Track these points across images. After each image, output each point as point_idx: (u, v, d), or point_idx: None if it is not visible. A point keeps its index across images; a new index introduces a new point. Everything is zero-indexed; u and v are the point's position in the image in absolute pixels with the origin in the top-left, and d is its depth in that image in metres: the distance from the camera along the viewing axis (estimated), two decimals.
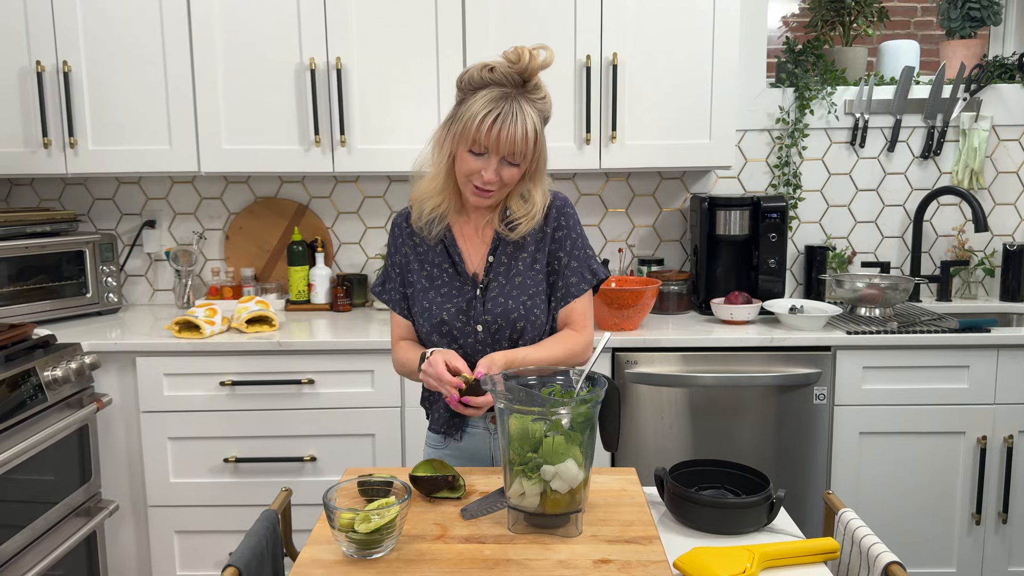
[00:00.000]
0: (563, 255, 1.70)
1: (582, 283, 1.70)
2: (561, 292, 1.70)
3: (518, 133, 1.53)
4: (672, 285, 2.89)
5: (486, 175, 1.57)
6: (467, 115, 1.54)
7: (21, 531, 2.17)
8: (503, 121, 1.52)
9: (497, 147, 1.54)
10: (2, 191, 3.16)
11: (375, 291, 1.80)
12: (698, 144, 2.74)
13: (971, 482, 2.61)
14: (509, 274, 1.68)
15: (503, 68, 1.55)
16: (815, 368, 2.54)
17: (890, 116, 3.08)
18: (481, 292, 1.67)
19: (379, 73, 2.71)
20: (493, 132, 1.52)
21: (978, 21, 3.06)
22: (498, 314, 1.65)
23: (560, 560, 1.28)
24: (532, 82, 1.57)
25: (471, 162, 1.57)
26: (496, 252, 1.69)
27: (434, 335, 1.68)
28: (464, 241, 1.71)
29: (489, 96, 1.54)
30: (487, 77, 1.56)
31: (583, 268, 1.71)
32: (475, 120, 1.53)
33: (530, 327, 1.66)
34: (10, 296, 2.71)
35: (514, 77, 1.55)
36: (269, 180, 3.14)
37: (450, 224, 1.71)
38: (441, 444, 1.79)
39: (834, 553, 1.40)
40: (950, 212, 3.15)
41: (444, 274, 1.70)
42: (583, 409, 1.34)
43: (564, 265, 1.70)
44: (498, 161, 1.56)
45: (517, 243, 1.69)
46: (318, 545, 1.34)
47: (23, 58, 2.70)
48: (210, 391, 2.54)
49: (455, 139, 1.58)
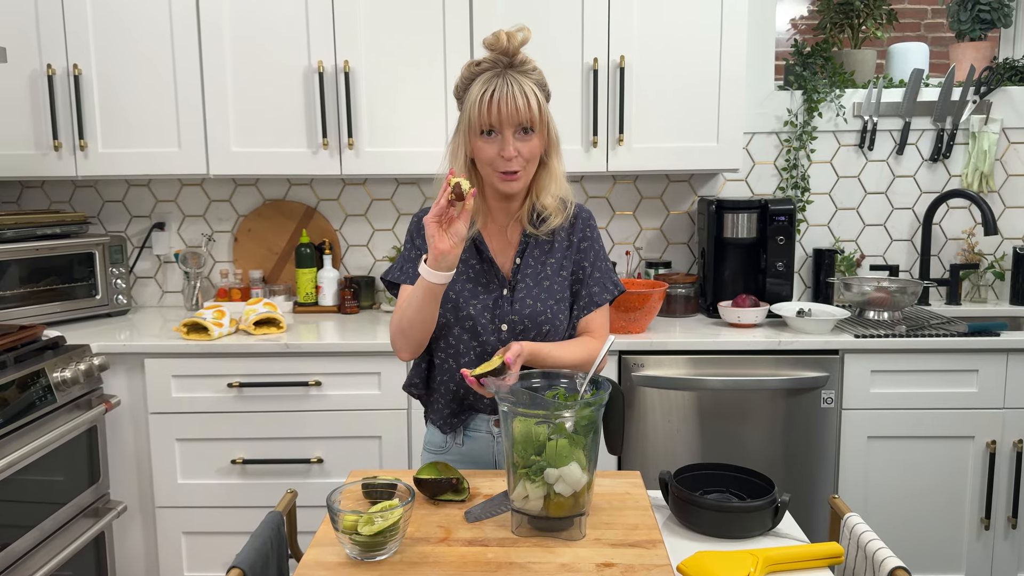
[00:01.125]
0: (587, 265, 1.73)
1: (604, 293, 1.74)
2: (584, 301, 1.73)
3: (519, 100, 1.56)
4: (679, 288, 2.89)
5: (505, 151, 1.58)
6: (468, 104, 1.59)
7: (30, 531, 2.18)
8: (499, 92, 1.55)
9: (505, 119, 1.56)
10: (13, 193, 3.19)
11: (389, 277, 1.75)
12: (706, 147, 2.74)
13: (980, 487, 2.59)
14: (537, 277, 1.69)
15: (488, 57, 1.59)
16: (823, 372, 2.53)
17: (899, 119, 3.07)
18: (509, 292, 1.68)
19: (387, 76, 2.72)
20: (494, 105, 1.55)
21: (988, 23, 3.05)
22: (525, 315, 1.66)
23: (563, 563, 1.28)
24: (518, 58, 1.59)
25: (487, 148, 1.59)
26: (524, 254, 1.70)
27: (456, 328, 1.67)
28: (491, 240, 1.72)
29: (482, 79, 1.58)
30: (475, 70, 1.60)
31: (605, 279, 1.75)
32: (475, 104, 1.57)
33: (553, 331, 1.68)
34: (20, 298, 2.73)
35: (500, 59, 1.58)
36: (277, 183, 3.16)
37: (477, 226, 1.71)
38: (441, 449, 1.77)
39: (839, 558, 1.39)
40: (959, 215, 3.14)
41: (471, 269, 1.70)
42: (587, 412, 1.34)
43: (588, 275, 1.73)
44: (511, 134, 1.58)
45: (544, 247, 1.71)
46: (322, 547, 1.35)
47: (34, 61, 2.72)
48: (218, 393, 2.55)
49: (465, 136, 1.61)
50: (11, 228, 2.73)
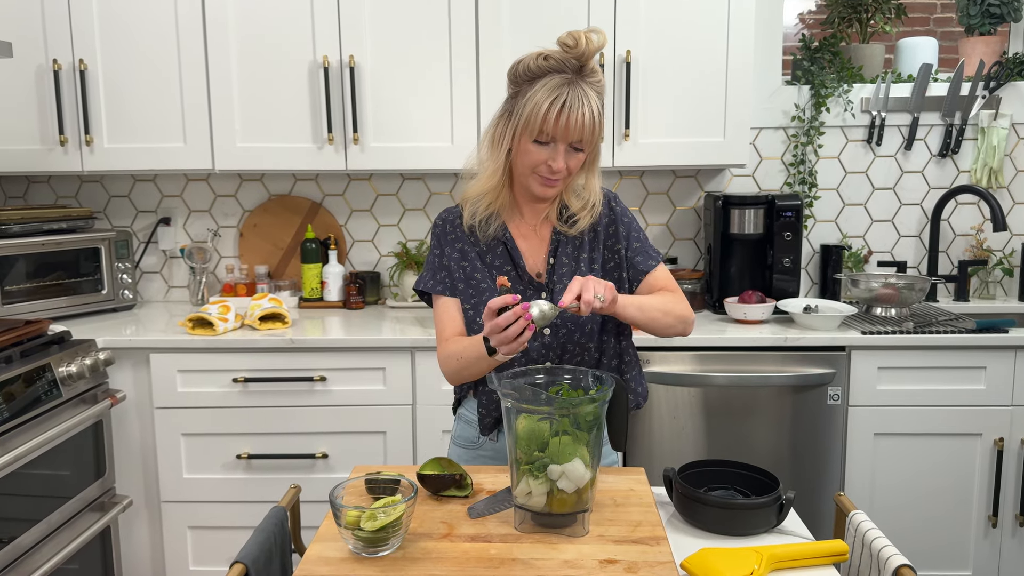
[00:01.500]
0: (621, 245, 1.70)
1: (649, 260, 1.70)
2: (631, 273, 1.70)
3: (586, 118, 1.51)
4: (686, 284, 2.88)
5: (555, 164, 1.55)
6: (530, 106, 1.51)
7: (37, 525, 2.19)
8: (570, 108, 1.50)
9: (566, 134, 1.52)
10: (19, 188, 3.19)
11: (421, 287, 1.72)
12: (712, 142, 2.72)
13: (988, 484, 2.57)
14: (573, 276, 1.64)
15: (558, 55, 1.52)
16: (830, 368, 2.52)
17: (907, 114, 3.05)
18: (547, 295, 1.65)
19: (392, 71, 2.71)
20: (561, 120, 1.50)
21: (998, 18, 3.02)
22: (567, 317, 1.63)
23: (566, 560, 1.27)
24: (589, 66, 1.53)
25: (536, 153, 1.55)
26: (557, 253, 1.67)
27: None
28: (522, 240, 1.69)
29: (551, 84, 1.51)
30: (543, 66, 1.53)
31: (646, 248, 1.72)
32: (540, 109, 1.50)
33: (596, 328, 1.66)
34: (26, 292, 2.74)
35: (571, 63, 1.52)
36: (283, 178, 3.16)
37: (505, 223, 1.69)
38: (473, 444, 1.74)
39: (843, 555, 1.38)
40: (968, 211, 3.12)
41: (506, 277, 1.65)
42: (590, 408, 1.33)
43: (625, 254, 1.70)
44: (565, 148, 1.55)
45: (576, 243, 1.68)
46: (325, 542, 1.34)
47: (40, 56, 2.72)
48: (223, 387, 2.55)
49: (516, 133, 1.56)
50: (17, 223, 2.73)
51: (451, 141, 2.72)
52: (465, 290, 1.68)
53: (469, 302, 1.68)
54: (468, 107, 2.71)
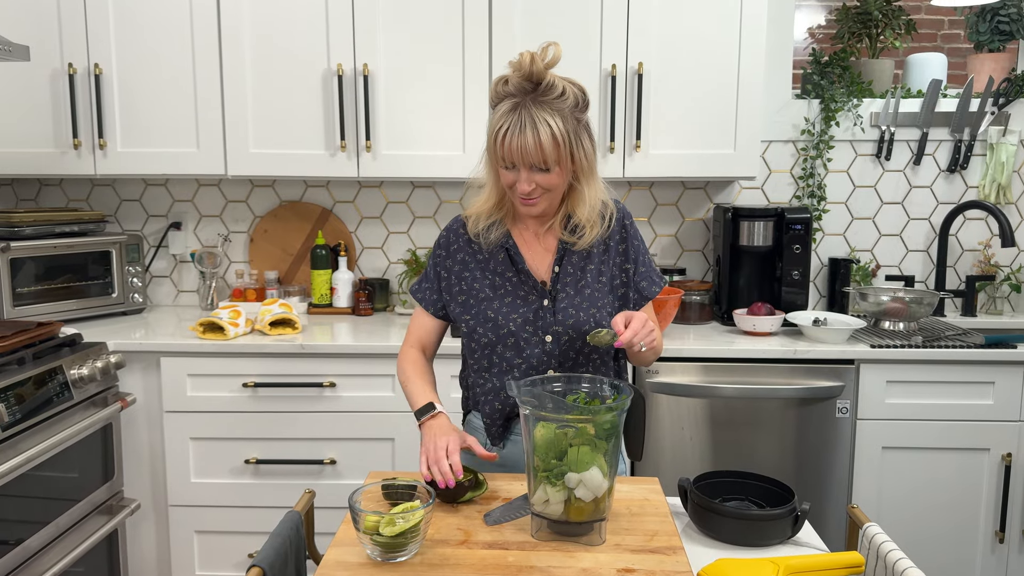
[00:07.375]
0: (630, 266, 1.71)
1: (653, 286, 1.73)
2: (635, 297, 1.71)
3: (528, 142, 1.50)
4: (694, 295, 2.89)
5: (520, 187, 1.56)
6: (489, 133, 1.57)
7: (45, 527, 2.19)
8: (511, 134, 1.51)
9: (522, 158, 1.53)
10: (31, 191, 3.20)
11: (411, 291, 1.81)
12: (722, 154, 2.74)
13: (995, 499, 2.57)
14: (578, 285, 1.66)
15: (514, 78, 1.54)
16: (838, 381, 2.52)
17: (916, 129, 3.06)
18: (550, 303, 1.65)
19: (405, 80, 2.73)
20: (507, 146, 1.52)
21: (1007, 35, 3.04)
22: (569, 325, 1.63)
23: (584, 568, 1.28)
24: (544, 84, 1.53)
25: (507, 175, 1.58)
26: (562, 262, 1.67)
27: (499, 346, 1.65)
28: (526, 248, 1.70)
29: (502, 110, 1.54)
30: (502, 91, 1.56)
31: (651, 273, 1.74)
32: (493, 138, 1.55)
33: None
34: (38, 295, 2.74)
35: (524, 84, 1.53)
36: (294, 184, 3.17)
37: (509, 231, 1.70)
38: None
39: (859, 568, 1.38)
40: (976, 226, 3.13)
41: (508, 283, 1.67)
42: (608, 417, 1.33)
43: (632, 275, 1.71)
44: (527, 171, 1.55)
45: (582, 252, 1.68)
46: (342, 547, 1.35)
47: (55, 60, 2.74)
48: (233, 392, 2.56)
49: (490, 156, 1.60)
50: (29, 225, 2.74)
51: (463, 150, 2.73)
52: (465, 301, 1.70)
53: (469, 312, 1.69)
54: (480, 116, 2.72)
